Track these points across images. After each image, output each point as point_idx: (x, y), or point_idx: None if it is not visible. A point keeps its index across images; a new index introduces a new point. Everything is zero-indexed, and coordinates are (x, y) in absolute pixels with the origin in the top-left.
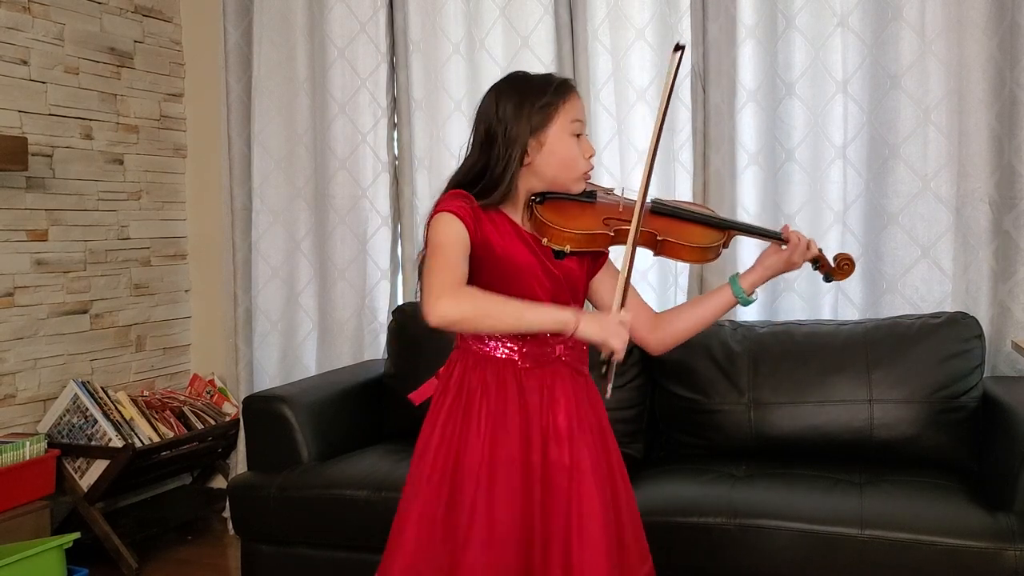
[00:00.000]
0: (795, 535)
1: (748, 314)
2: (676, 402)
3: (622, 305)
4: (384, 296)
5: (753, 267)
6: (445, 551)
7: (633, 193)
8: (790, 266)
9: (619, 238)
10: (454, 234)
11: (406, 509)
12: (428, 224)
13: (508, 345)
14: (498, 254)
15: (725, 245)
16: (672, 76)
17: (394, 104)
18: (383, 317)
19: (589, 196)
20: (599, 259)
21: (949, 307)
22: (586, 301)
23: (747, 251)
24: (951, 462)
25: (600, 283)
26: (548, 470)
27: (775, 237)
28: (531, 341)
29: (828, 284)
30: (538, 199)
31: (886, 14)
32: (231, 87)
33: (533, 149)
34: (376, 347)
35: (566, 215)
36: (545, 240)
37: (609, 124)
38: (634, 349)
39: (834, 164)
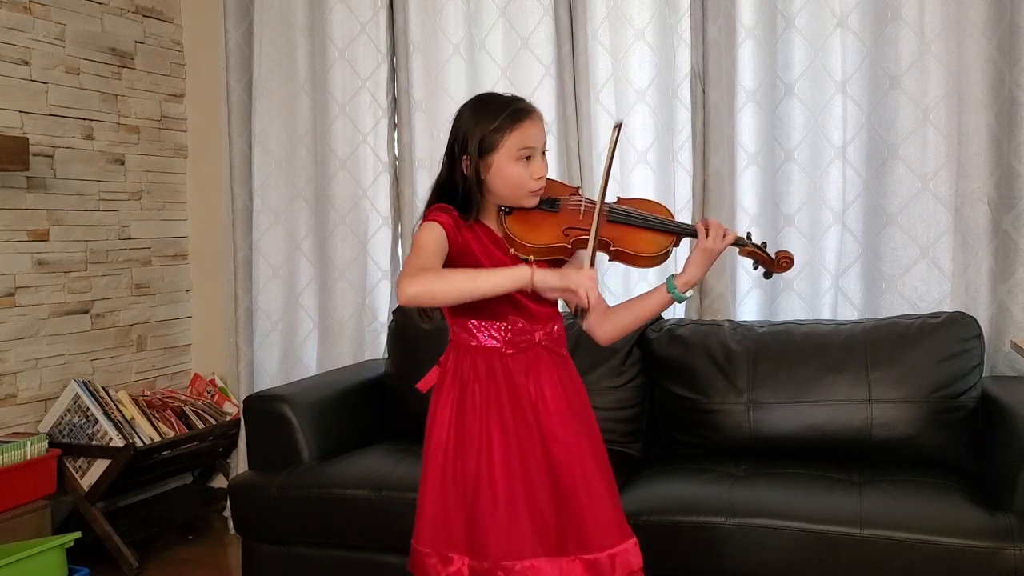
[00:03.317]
0: (794, 535)
1: (748, 314)
2: (675, 402)
3: (591, 265)
4: (384, 296)
5: (684, 267)
6: (460, 516)
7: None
8: (711, 254)
9: (577, 247)
10: (432, 238)
11: (423, 482)
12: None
13: (493, 335)
14: (482, 261)
15: (676, 245)
16: (611, 150)
17: (394, 104)
18: (383, 317)
19: (551, 205)
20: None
21: (948, 307)
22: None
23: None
24: (950, 462)
25: None
26: (545, 439)
27: (689, 234)
28: (512, 330)
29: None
30: (507, 210)
31: (885, 14)
32: (232, 87)
33: (483, 170)
34: (376, 347)
35: (530, 227)
36: (512, 251)
37: (609, 125)
38: (633, 348)
39: (833, 164)
